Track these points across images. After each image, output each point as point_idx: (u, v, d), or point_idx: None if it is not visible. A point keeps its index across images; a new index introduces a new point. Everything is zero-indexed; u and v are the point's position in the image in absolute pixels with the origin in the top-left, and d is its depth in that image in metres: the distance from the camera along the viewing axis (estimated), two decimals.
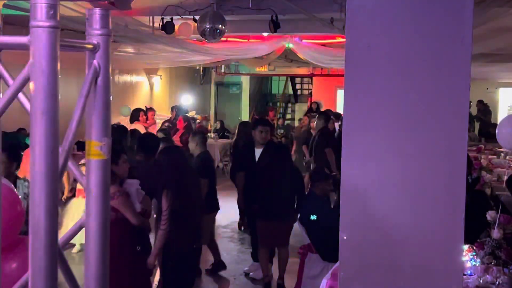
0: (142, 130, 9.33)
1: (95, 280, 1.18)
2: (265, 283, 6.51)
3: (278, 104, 19.96)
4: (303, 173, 7.45)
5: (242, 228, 8.45)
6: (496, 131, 5.74)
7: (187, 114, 13.00)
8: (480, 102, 15.34)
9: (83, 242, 1.29)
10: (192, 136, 7.07)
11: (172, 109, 13.07)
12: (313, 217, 5.52)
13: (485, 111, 15.24)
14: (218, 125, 15.83)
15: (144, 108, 11.75)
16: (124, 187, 5.03)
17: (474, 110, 14.90)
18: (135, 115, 10.92)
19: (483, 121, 14.74)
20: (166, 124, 11.67)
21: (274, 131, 13.08)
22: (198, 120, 13.90)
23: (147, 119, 11.31)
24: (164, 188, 4.89)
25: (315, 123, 9.38)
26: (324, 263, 5.32)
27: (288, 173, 6.41)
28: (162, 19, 7.88)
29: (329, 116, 9.68)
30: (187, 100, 16.08)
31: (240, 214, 7.92)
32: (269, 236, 6.39)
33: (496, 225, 3.74)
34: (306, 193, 6.56)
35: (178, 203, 4.91)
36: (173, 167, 5.11)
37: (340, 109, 14.32)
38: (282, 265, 6.50)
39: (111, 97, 1.26)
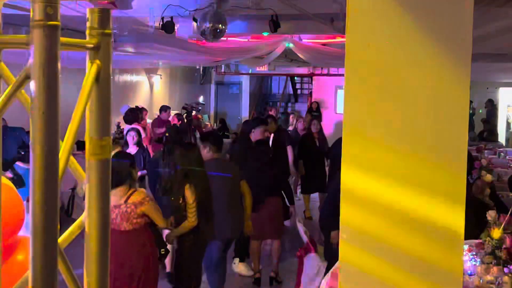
0: (141, 130, 9.30)
1: (96, 281, 1.18)
2: (255, 279, 6.57)
3: (278, 104, 19.96)
4: None
5: None
6: None
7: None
8: (489, 101, 15.27)
9: None
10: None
11: (163, 109, 12.71)
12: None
13: (491, 112, 15.21)
14: (218, 124, 15.87)
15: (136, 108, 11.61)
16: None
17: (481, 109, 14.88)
18: (133, 115, 10.66)
19: (487, 122, 14.72)
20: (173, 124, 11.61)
21: None
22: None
23: (141, 119, 11.21)
24: (186, 182, 4.91)
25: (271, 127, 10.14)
26: (323, 262, 5.32)
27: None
28: (162, 18, 7.86)
29: (275, 117, 11.34)
30: (187, 100, 16.07)
31: None
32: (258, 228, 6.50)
33: (502, 227, 3.74)
34: None
35: (203, 196, 4.95)
36: (195, 161, 5.15)
37: (340, 109, 14.32)
38: (275, 258, 6.63)
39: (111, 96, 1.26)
